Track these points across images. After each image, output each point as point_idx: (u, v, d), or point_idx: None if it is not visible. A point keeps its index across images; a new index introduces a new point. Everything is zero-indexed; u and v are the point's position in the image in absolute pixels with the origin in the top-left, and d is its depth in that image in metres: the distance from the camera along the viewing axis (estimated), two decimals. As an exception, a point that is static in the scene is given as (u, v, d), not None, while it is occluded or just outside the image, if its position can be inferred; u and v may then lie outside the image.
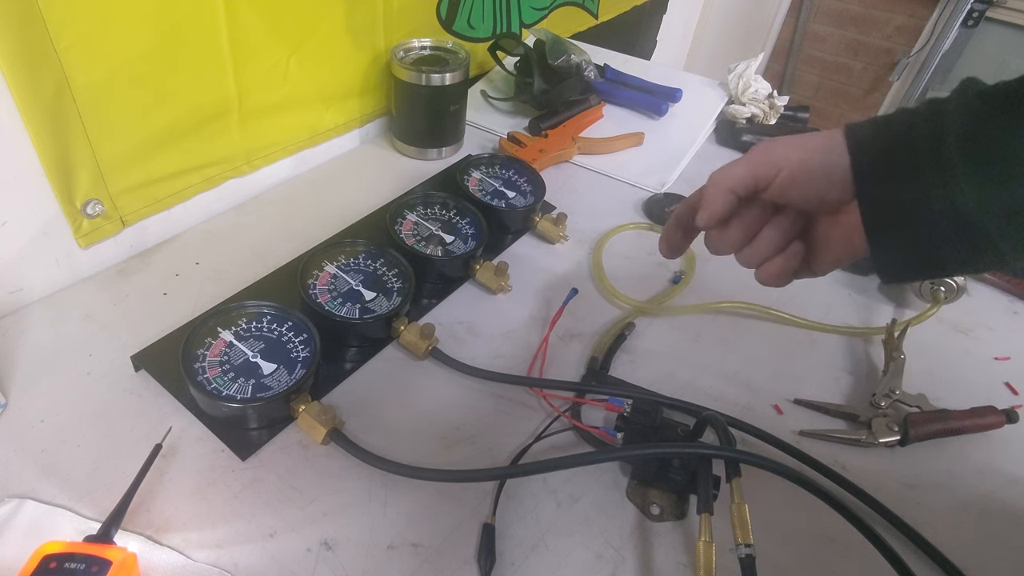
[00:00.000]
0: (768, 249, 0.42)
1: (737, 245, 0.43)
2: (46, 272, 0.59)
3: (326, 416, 0.49)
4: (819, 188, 0.38)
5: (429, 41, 0.84)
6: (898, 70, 2.44)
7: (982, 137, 0.32)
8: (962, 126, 0.33)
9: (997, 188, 0.32)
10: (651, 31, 1.66)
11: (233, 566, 0.42)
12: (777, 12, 2.58)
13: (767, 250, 0.42)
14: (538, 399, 0.55)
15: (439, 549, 0.44)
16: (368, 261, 0.62)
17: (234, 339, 0.52)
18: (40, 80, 0.51)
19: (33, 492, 0.44)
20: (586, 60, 0.97)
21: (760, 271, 0.42)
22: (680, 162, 0.89)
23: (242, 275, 0.62)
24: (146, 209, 0.64)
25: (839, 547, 0.47)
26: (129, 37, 0.56)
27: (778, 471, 0.44)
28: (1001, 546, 0.49)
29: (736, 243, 0.43)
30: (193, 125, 0.65)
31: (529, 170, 0.79)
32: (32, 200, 0.55)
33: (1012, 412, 0.56)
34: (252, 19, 0.65)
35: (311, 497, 0.46)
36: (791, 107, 1.01)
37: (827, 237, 0.41)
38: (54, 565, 0.36)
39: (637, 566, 0.45)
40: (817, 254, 0.42)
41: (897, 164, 0.35)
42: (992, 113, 0.32)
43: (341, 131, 0.83)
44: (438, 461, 0.50)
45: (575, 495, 0.49)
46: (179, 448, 0.48)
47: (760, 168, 0.39)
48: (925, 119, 0.35)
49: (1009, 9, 2.18)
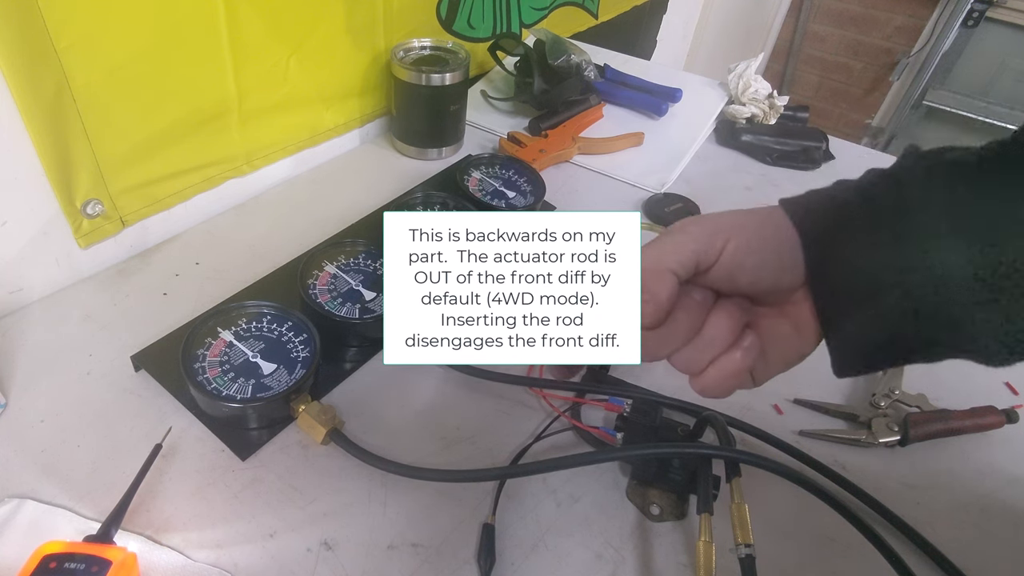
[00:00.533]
0: (720, 342, 0.33)
1: (683, 339, 0.34)
2: (46, 272, 0.59)
3: (326, 416, 0.49)
4: (772, 265, 0.32)
5: (429, 41, 0.84)
6: (898, 70, 2.44)
7: (962, 199, 0.29)
8: (943, 189, 0.29)
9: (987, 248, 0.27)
10: (651, 31, 1.66)
11: (233, 566, 0.42)
12: (777, 12, 2.58)
13: (719, 343, 0.33)
14: (538, 399, 0.55)
15: (439, 549, 0.44)
16: (368, 261, 0.63)
17: (234, 339, 0.52)
18: (40, 80, 0.51)
19: (33, 492, 0.44)
20: (586, 60, 0.97)
21: (710, 373, 0.33)
22: (680, 162, 0.89)
23: (242, 275, 0.62)
24: (146, 209, 0.64)
25: (839, 547, 0.47)
26: (129, 37, 0.56)
27: (778, 471, 0.44)
28: (1001, 546, 0.49)
29: (682, 337, 0.34)
30: (193, 125, 0.65)
31: (529, 170, 0.79)
32: (32, 200, 0.55)
33: (1012, 412, 0.56)
34: (252, 19, 0.65)
35: (311, 497, 0.46)
36: (791, 107, 1.01)
37: (773, 333, 0.34)
38: (54, 565, 0.36)
39: (637, 566, 0.45)
40: (764, 355, 0.34)
41: (855, 229, 0.31)
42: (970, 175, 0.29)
43: (341, 131, 0.83)
44: (438, 461, 0.50)
45: (575, 495, 0.49)
46: (179, 448, 0.48)
47: (702, 241, 0.33)
48: (882, 185, 0.31)
49: (1009, 9, 2.18)
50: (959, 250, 0.28)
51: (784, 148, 0.95)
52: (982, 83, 2.33)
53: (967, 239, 0.28)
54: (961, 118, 2.35)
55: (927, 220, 0.29)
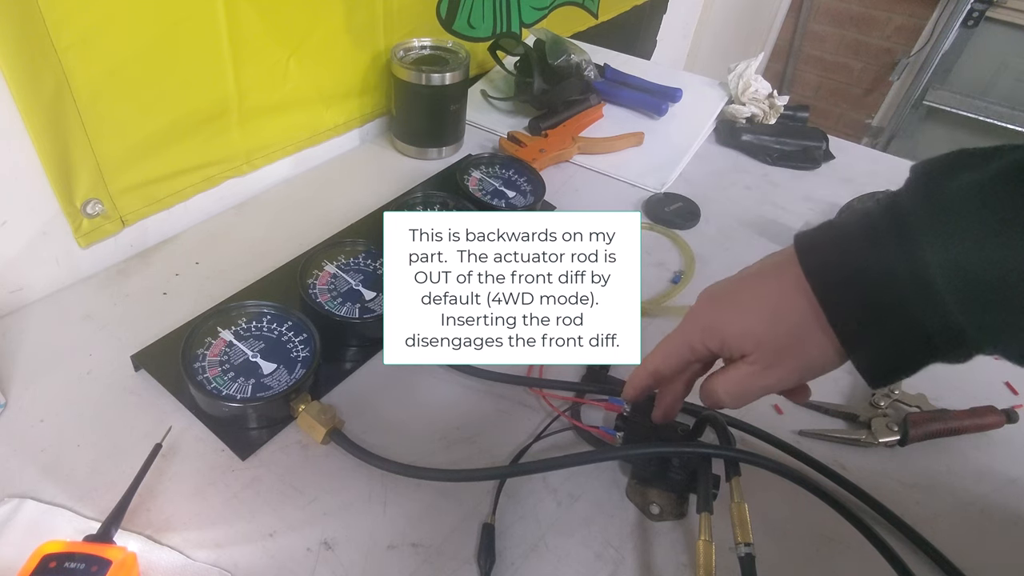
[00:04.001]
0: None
1: (673, 396, 0.44)
2: (46, 272, 0.59)
3: (326, 416, 0.49)
4: (797, 357, 0.35)
5: (429, 41, 0.84)
6: (898, 70, 2.44)
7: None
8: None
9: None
10: (651, 31, 1.66)
11: (233, 566, 0.42)
12: (777, 12, 2.58)
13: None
14: (538, 399, 0.55)
15: (439, 549, 0.44)
16: (368, 261, 0.62)
17: (234, 339, 0.52)
18: (40, 80, 0.51)
19: (33, 492, 0.44)
20: (586, 60, 0.97)
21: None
22: (680, 162, 0.89)
23: (242, 275, 0.62)
24: (146, 209, 0.64)
25: (839, 547, 0.47)
26: (129, 37, 0.56)
27: (778, 471, 0.44)
28: (1001, 546, 0.49)
29: (673, 395, 0.44)
30: (193, 125, 0.65)
31: (529, 170, 0.79)
32: (32, 200, 0.55)
33: (1012, 412, 0.56)
34: (252, 19, 0.65)
35: (311, 497, 0.46)
36: (791, 107, 1.01)
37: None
38: (54, 565, 0.36)
39: (637, 565, 0.45)
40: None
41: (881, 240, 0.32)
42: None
43: (341, 131, 0.83)
44: (438, 461, 0.50)
45: (575, 494, 0.49)
46: (179, 448, 0.48)
47: (694, 337, 0.39)
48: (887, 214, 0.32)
49: (1009, 9, 2.18)
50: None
51: (784, 148, 0.95)
52: (982, 83, 2.33)
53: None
54: (961, 118, 2.35)
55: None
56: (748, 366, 0.37)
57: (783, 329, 0.35)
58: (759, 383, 0.37)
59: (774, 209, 0.84)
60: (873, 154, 1.02)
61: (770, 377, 0.36)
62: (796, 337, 0.34)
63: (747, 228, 0.80)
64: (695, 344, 0.39)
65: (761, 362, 0.36)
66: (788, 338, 0.35)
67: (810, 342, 0.34)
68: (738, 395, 0.38)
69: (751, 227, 0.80)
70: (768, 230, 0.80)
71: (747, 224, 0.81)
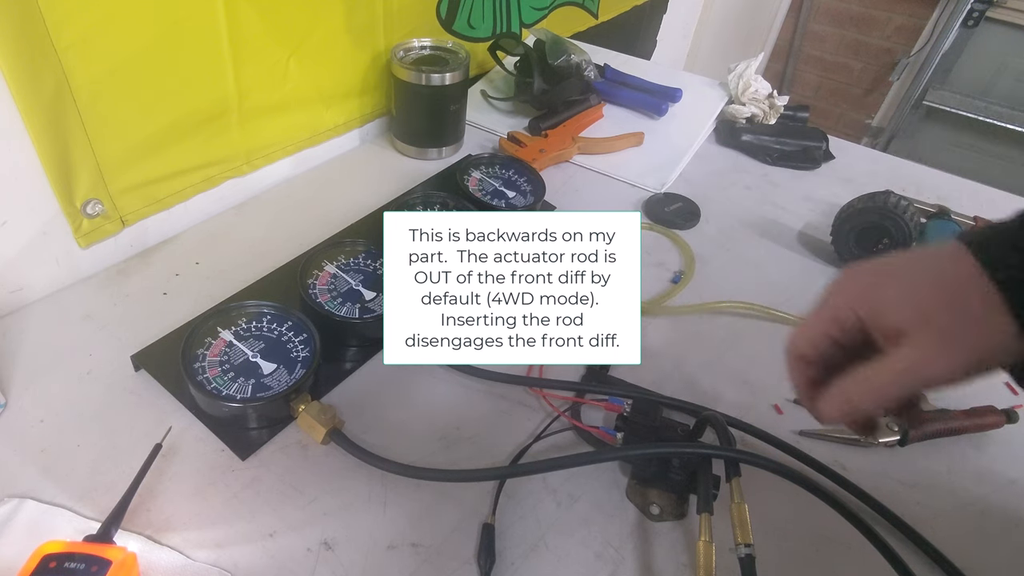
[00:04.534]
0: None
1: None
2: (46, 272, 0.59)
3: (326, 416, 0.49)
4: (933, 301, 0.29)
5: (429, 41, 0.84)
6: (898, 70, 2.44)
7: None
8: None
9: None
10: (651, 31, 1.66)
11: (233, 566, 0.42)
12: (777, 12, 2.58)
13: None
14: (538, 399, 0.55)
15: (439, 549, 0.44)
16: (368, 261, 0.62)
17: (234, 339, 0.52)
18: (40, 80, 0.51)
19: (33, 492, 0.44)
20: (586, 60, 0.97)
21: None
22: (680, 162, 0.89)
23: (242, 275, 0.62)
24: (146, 209, 0.64)
25: (839, 547, 0.47)
26: (129, 37, 0.56)
27: (778, 471, 0.44)
28: (1001, 546, 0.49)
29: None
30: (193, 125, 0.65)
31: (529, 170, 0.79)
32: (32, 200, 0.55)
33: (1012, 412, 0.56)
34: (252, 19, 0.65)
35: (311, 497, 0.46)
36: (791, 107, 1.01)
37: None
38: (54, 565, 0.36)
39: (637, 566, 0.45)
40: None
41: None
42: None
43: (341, 131, 0.83)
44: (438, 461, 0.50)
45: (575, 495, 0.49)
46: (179, 448, 0.48)
47: (846, 314, 0.32)
48: None
49: (1009, 9, 2.18)
50: None
51: (784, 148, 0.95)
52: (982, 83, 2.32)
53: None
54: (961, 118, 2.35)
55: None
56: (910, 350, 0.30)
57: (959, 303, 0.29)
58: (923, 373, 0.30)
59: (774, 209, 0.84)
60: (873, 154, 1.02)
61: (937, 365, 0.29)
62: (971, 316, 0.28)
63: (747, 228, 0.80)
64: (841, 314, 0.32)
65: (924, 344, 0.29)
66: (963, 315, 0.29)
67: (991, 323, 0.28)
68: (885, 394, 0.31)
69: (751, 227, 0.80)
70: (768, 230, 0.80)
71: (747, 224, 0.81)
